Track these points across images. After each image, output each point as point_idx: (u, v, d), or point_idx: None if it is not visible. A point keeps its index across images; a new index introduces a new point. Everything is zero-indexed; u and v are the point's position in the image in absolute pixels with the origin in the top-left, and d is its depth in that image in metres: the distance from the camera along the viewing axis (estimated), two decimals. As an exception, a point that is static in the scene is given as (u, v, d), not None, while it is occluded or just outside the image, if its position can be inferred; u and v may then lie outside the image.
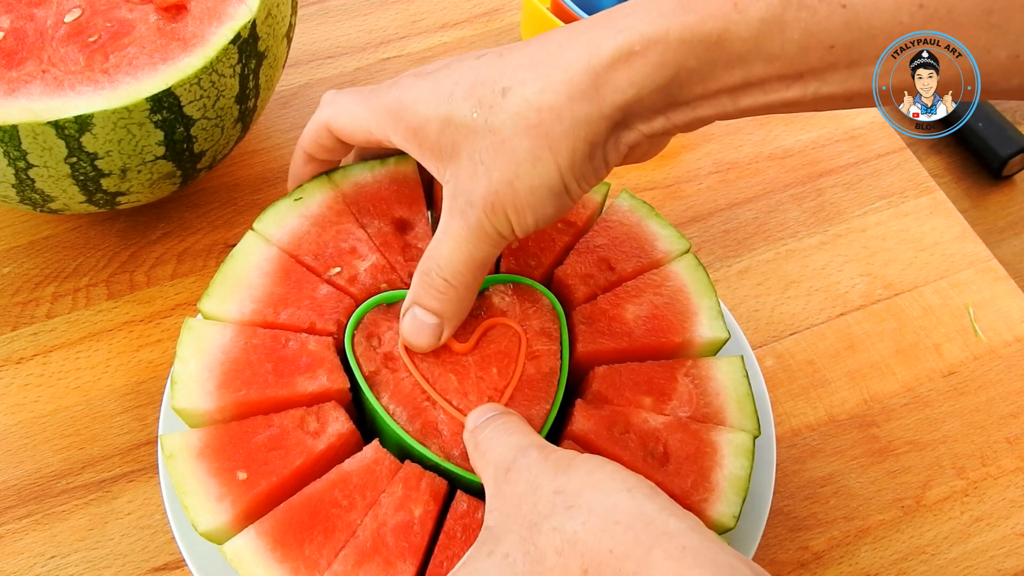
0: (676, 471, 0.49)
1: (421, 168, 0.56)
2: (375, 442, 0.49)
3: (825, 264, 0.69)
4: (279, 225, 0.54)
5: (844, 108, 0.43)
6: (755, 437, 0.51)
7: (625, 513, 0.37)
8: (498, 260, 0.55)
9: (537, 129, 0.43)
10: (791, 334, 0.66)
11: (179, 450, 0.48)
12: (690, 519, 0.37)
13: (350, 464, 0.48)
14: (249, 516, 0.47)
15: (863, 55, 0.39)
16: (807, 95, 0.41)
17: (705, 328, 0.53)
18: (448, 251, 0.47)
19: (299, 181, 0.54)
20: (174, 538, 0.54)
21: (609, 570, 0.36)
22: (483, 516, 0.47)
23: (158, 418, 0.59)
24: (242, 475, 0.47)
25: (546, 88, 0.43)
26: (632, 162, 0.49)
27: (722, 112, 0.43)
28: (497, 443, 0.44)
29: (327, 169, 0.55)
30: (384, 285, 0.53)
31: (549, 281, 0.55)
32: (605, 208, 0.57)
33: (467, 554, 0.41)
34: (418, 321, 0.48)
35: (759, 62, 0.41)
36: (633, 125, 0.44)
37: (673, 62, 0.41)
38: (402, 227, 0.54)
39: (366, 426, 0.52)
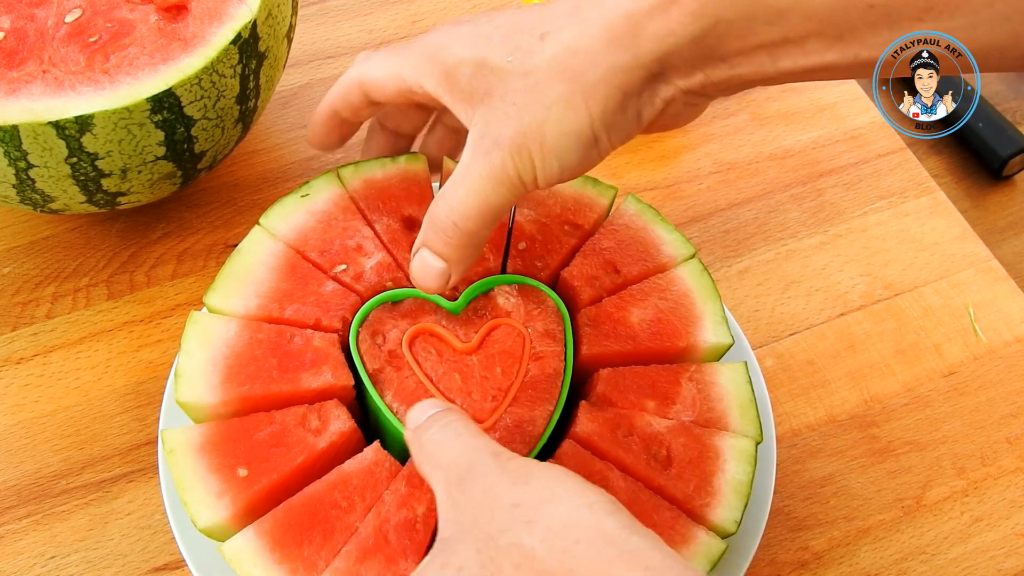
0: (679, 475, 0.49)
1: (431, 168, 0.56)
2: (376, 444, 0.49)
3: (825, 264, 0.69)
4: (285, 221, 0.54)
5: (884, 76, 0.42)
6: (757, 443, 0.51)
7: (586, 530, 0.36)
8: (505, 260, 0.55)
9: (572, 73, 0.42)
10: (791, 334, 0.66)
11: (180, 446, 0.48)
12: (652, 538, 0.36)
13: (350, 465, 0.48)
14: (249, 513, 0.47)
15: (903, 15, 0.39)
16: (847, 58, 0.41)
17: (709, 333, 0.53)
18: (464, 192, 0.45)
19: (319, 137, 0.54)
20: (174, 538, 0.54)
21: None
22: None
23: (158, 418, 0.59)
24: (243, 472, 0.47)
25: (583, 33, 0.43)
26: (661, 128, 0.47)
27: (761, 72, 0.42)
28: (446, 447, 0.42)
29: (349, 129, 0.54)
30: (390, 283, 0.53)
31: (555, 283, 0.55)
32: (611, 212, 0.57)
33: (421, 565, 0.39)
34: (426, 264, 0.47)
35: (798, 18, 0.40)
36: (670, 79, 0.43)
37: (712, 12, 0.41)
38: (411, 225, 0.55)
39: (368, 426, 0.52)
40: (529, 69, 0.43)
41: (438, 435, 0.42)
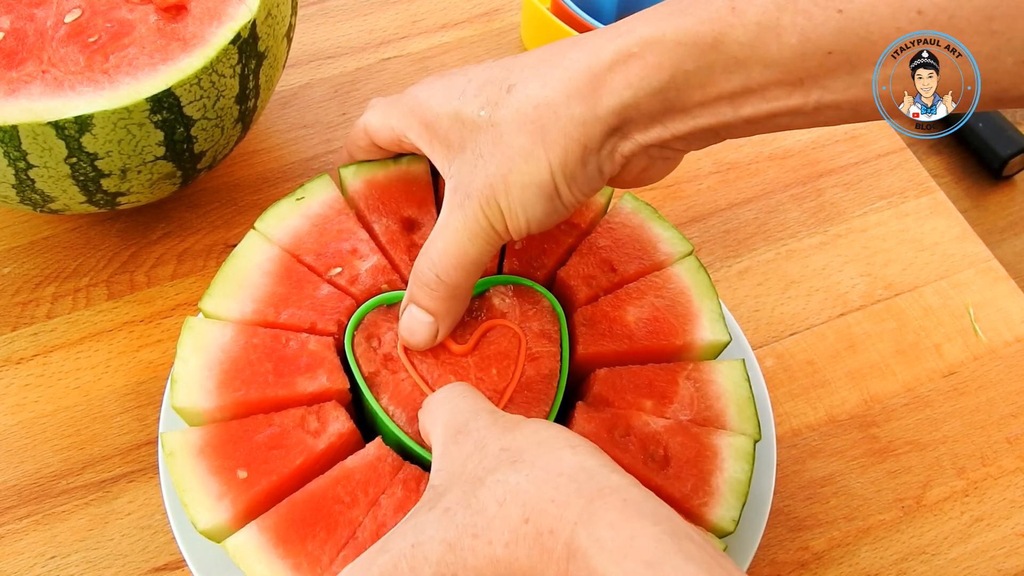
0: (676, 474, 0.49)
1: (431, 170, 0.56)
2: (378, 439, 0.49)
3: (825, 264, 0.69)
4: (280, 225, 0.54)
5: (853, 121, 0.42)
6: (756, 441, 0.51)
7: (568, 466, 0.38)
8: (501, 260, 0.55)
9: (533, 125, 0.44)
10: (791, 334, 0.66)
11: (179, 448, 0.48)
12: (630, 478, 0.38)
13: (352, 461, 0.48)
14: (249, 515, 0.47)
15: (862, 60, 0.39)
16: (809, 103, 0.41)
17: (706, 331, 0.53)
18: (443, 245, 0.47)
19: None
20: (174, 538, 0.54)
21: (549, 519, 0.36)
22: None
23: (158, 418, 0.59)
24: (242, 474, 0.47)
25: (545, 85, 0.44)
26: (632, 183, 0.48)
27: (723, 121, 0.43)
28: (449, 406, 0.44)
29: None
30: (385, 286, 0.53)
31: (552, 282, 0.55)
32: (608, 210, 0.57)
33: (410, 512, 0.41)
34: (413, 319, 0.49)
35: (757, 67, 0.41)
36: (629, 134, 0.44)
37: (670, 64, 0.41)
38: (409, 226, 0.55)
39: (365, 429, 0.52)
40: (496, 121, 0.45)
41: (443, 395, 0.45)
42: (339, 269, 0.53)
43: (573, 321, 0.53)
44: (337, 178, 0.56)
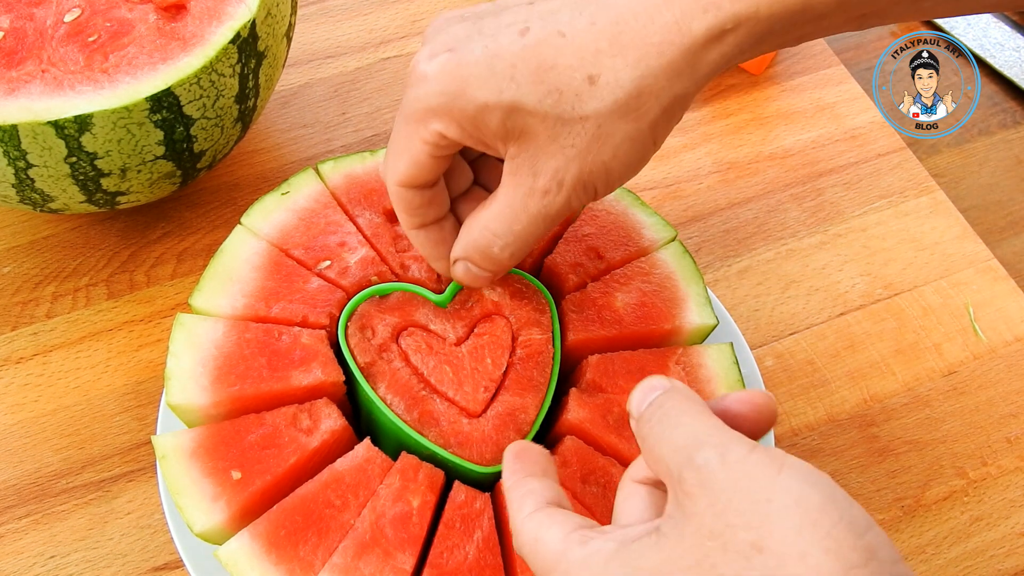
0: None
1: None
2: (366, 440, 0.49)
3: (825, 264, 0.69)
4: (267, 219, 0.54)
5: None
6: None
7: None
8: None
9: (637, 113, 0.44)
10: (791, 334, 0.66)
11: (172, 451, 0.48)
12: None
13: (342, 464, 0.48)
14: (245, 515, 0.47)
15: None
16: (863, 27, 0.45)
17: (694, 315, 0.54)
18: (522, 228, 0.46)
19: (440, 257, 0.49)
20: (172, 539, 0.54)
21: None
22: (481, 506, 0.47)
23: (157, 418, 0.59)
24: (236, 475, 0.47)
25: (645, 75, 0.43)
26: None
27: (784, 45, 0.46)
28: (665, 441, 0.37)
29: (441, 220, 0.49)
30: (374, 277, 0.53)
31: (539, 271, 0.56)
32: None
33: (627, 536, 0.36)
34: (471, 274, 0.49)
35: (838, 15, 0.43)
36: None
37: (761, 32, 0.43)
38: (393, 218, 0.55)
39: (360, 423, 0.52)
40: (586, 114, 0.43)
41: (657, 427, 0.38)
42: (328, 262, 0.53)
43: (562, 308, 0.54)
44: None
